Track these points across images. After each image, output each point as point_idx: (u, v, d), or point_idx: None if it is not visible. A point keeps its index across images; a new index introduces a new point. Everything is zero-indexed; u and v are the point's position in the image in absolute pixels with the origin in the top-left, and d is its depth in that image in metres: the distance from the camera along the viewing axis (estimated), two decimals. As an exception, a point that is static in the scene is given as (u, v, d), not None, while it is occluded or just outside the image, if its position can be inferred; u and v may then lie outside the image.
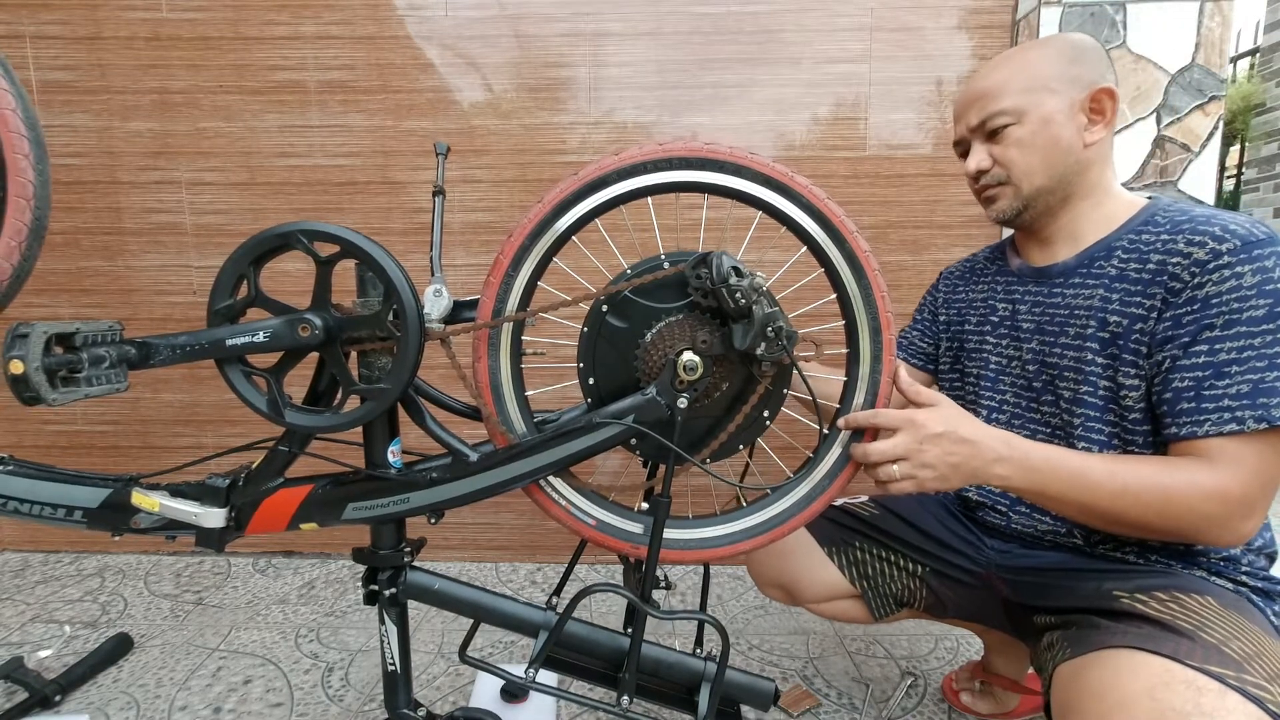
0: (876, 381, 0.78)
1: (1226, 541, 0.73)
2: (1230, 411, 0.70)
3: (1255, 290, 0.70)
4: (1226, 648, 0.65)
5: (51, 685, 1.19)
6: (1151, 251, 0.78)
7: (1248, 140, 3.75)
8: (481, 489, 0.78)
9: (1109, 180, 0.87)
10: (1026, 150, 0.83)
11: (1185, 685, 0.61)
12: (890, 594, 1.04)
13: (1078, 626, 0.76)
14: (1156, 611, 0.71)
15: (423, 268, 0.82)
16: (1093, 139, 0.82)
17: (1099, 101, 0.82)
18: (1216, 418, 0.71)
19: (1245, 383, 0.70)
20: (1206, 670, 0.61)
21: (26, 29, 1.71)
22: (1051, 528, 0.90)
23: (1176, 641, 0.66)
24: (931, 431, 0.73)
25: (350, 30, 1.71)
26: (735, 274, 0.70)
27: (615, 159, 0.75)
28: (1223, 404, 0.71)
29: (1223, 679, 0.61)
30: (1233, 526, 0.71)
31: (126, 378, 0.75)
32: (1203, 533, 0.73)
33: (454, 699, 1.23)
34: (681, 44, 1.71)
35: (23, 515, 0.79)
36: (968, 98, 0.88)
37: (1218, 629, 0.67)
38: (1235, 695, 0.59)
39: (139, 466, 1.10)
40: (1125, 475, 0.73)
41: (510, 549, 1.87)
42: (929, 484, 0.74)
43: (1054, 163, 0.83)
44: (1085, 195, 0.86)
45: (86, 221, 1.78)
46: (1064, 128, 0.82)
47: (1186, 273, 0.74)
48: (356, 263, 0.74)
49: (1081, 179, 0.84)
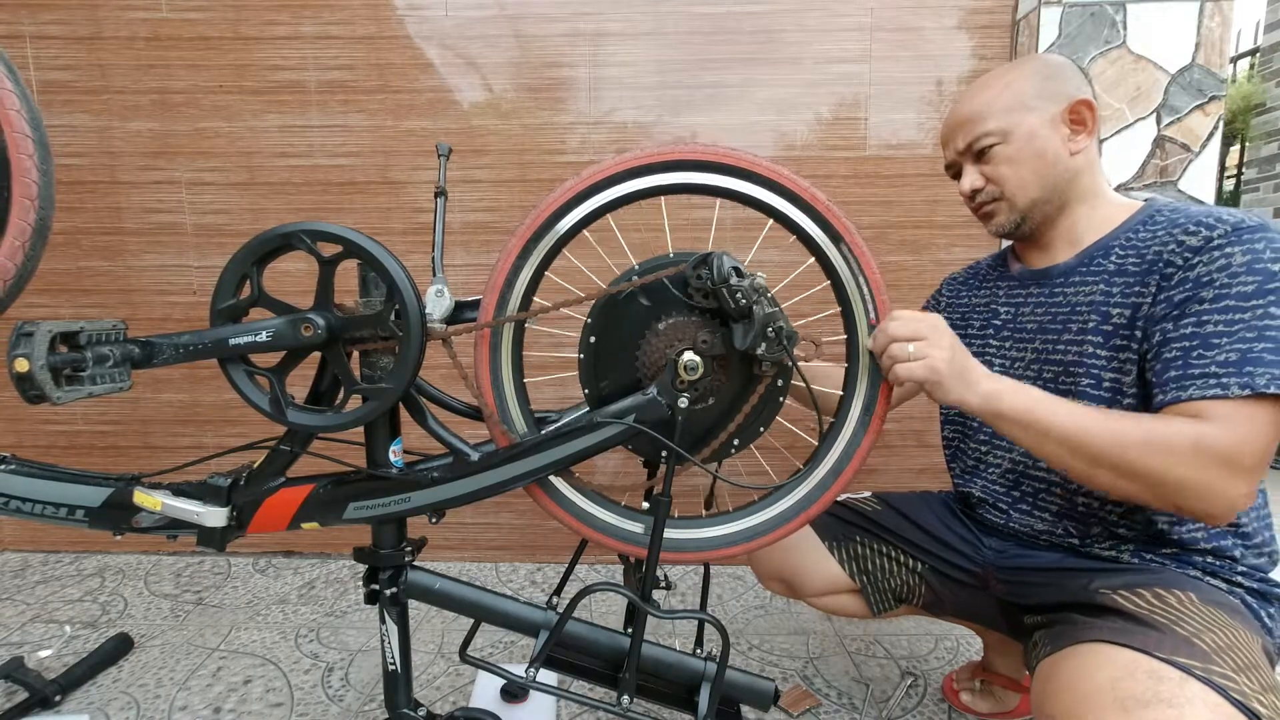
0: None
1: (1212, 504, 0.69)
2: (1216, 379, 0.69)
3: (1245, 268, 0.71)
4: (1198, 640, 0.65)
5: (51, 685, 1.19)
6: (1149, 246, 0.80)
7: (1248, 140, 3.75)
8: (482, 488, 0.79)
9: (1101, 184, 0.89)
10: (1016, 166, 0.86)
11: (1147, 675, 0.62)
12: (889, 590, 1.04)
13: (1060, 624, 0.77)
14: (1135, 607, 0.72)
15: (423, 267, 0.82)
16: (1078, 148, 0.85)
17: (1078, 112, 0.85)
18: (1202, 383, 0.70)
19: (1233, 352, 0.69)
20: (1173, 661, 0.62)
21: (26, 29, 1.71)
22: (1048, 527, 0.90)
23: (1146, 634, 0.66)
24: (949, 334, 0.75)
25: (350, 30, 1.71)
26: (736, 274, 0.71)
27: (617, 160, 0.75)
28: (1209, 371, 0.70)
29: (1188, 669, 0.61)
30: (1220, 485, 0.68)
31: (130, 376, 0.75)
32: (1186, 487, 0.68)
33: (454, 699, 1.23)
34: (681, 44, 1.71)
35: (24, 514, 0.79)
36: (952, 123, 0.91)
37: (1193, 622, 0.68)
38: (1197, 684, 0.60)
39: (140, 466, 1.11)
40: (1113, 415, 0.73)
41: (510, 549, 1.88)
42: (938, 366, 0.73)
43: (1044, 174, 0.86)
44: (1080, 201, 0.88)
45: (87, 221, 1.78)
46: (1048, 141, 0.85)
47: (1179, 257, 0.76)
48: (359, 263, 0.74)
49: (1073, 186, 0.87)
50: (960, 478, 1.04)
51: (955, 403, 0.75)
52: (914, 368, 0.73)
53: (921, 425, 1.81)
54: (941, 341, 0.74)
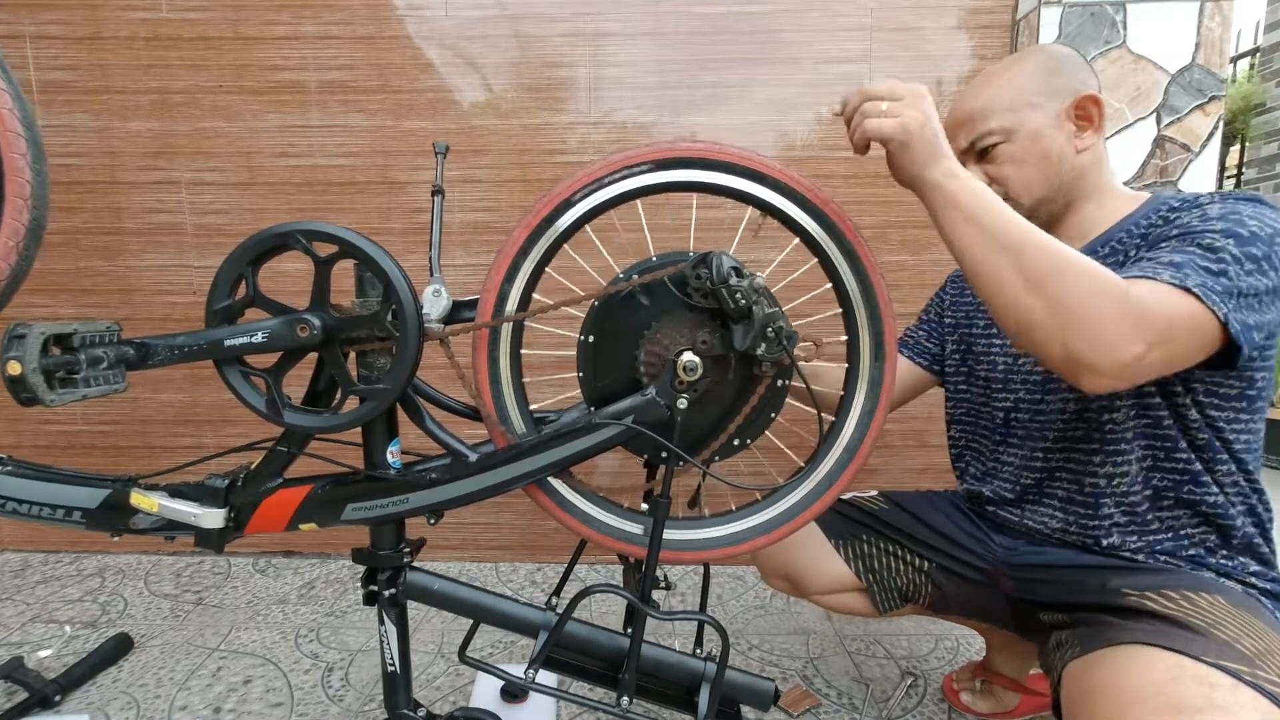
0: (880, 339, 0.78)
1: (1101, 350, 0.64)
2: (1152, 270, 0.68)
3: (1218, 218, 0.71)
4: (1239, 644, 0.64)
5: (51, 685, 1.19)
6: (1150, 229, 0.80)
7: (1248, 140, 3.75)
8: (481, 489, 0.78)
9: (1109, 180, 0.87)
10: (1021, 166, 0.84)
11: (1197, 680, 0.60)
12: (895, 588, 1.04)
13: (1086, 624, 0.76)
14: (1166, 609, 0.71)
15: (422, 267, 0.82)
16: (1084, 145, 0.83)
17: (1084, 108, 0.83)
18: (1139, 271, 0.68)
19: (1182, 255, 0.68)
20: (1220, 665, 0.61)
21: (26, 29, 1.71)
22: (1062, 524, 0.89)
23: (1188, 638, 0.65)
24: (928, 101, 0.72)
25: (350, 30, 1.71)
26: (735, 274, 0.70)
27: (616, 159, 0.75)
28: (1151, 265, 0.69)
29: (1236, 674, 0.60)
30: (1120, 334, 0.63)
31: (125, 378, 0.74)
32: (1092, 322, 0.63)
33: (454, 699, 1.23)
34: (681, 44, 1.70)
35: (22, 516, 0.79)
36: (954, 121, 0.89)
37: (1229, 627, 0.67)
38: (1249, 690, 0.59)
39: (139, 467, 1.10)
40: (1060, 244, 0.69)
41: (510, 549, 1.87)
42: (910, 126, 0.70)
43: (1049, 173, 0.84)
44: (1088, 198, 0.86)
45: (86, 221, 1.78)
46: (1053, 139, 0.83)
47: (1164, 220, 0.78)
48: (355, 263, 0.74)
49: (1080, 184, 0.85)
50: (973, 480, 1.03)
51: (914, 176, 0.71)
52: (884, 124, 0.70)
53: (922, 425, 1.81)
54: (919, 105, 0.71)
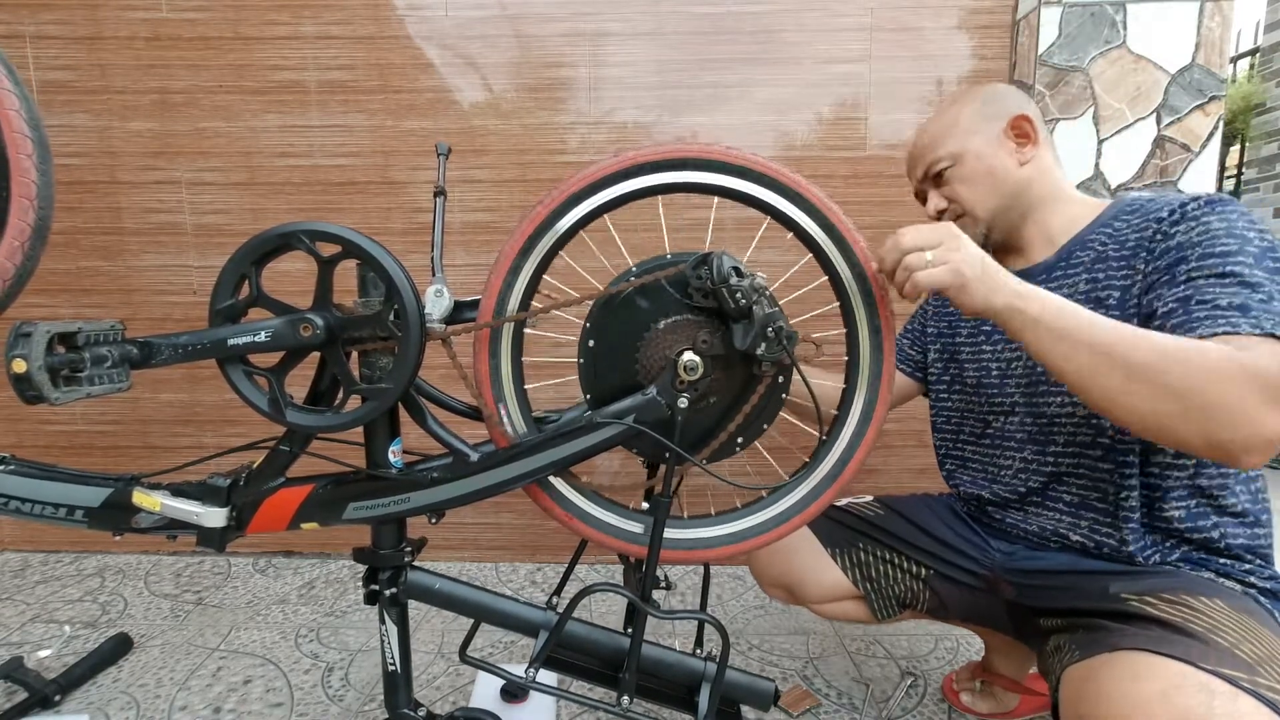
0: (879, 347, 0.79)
1: (1239, 431, 0.63)
2: (1224, 318, 0.68)
3: (1224, 231, 0.73)
4: (1239, 651, 0.65)
5: (51, 685, 1.19)
6: (1128, 234, 0.83)
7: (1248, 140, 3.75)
8: (482, 489, 0.79)
9: (1061, 186, 0.93)
10: (970, 184, 0.92)
11: (1198, 688, 0.61)
12: (893, 596, 1.04)
13: (1085, 629, 0.76)
14: (1166, 614, 0.71)
15: (423, 267, 0.82)
16: (1025, 159, 0.91)
17: (1019, 126, 0.91)
18: (1210, 322, 0.68)
19: (1230, 298, 0.69)
20: (1219, 673, 0.61)
21: (26, 29, 1.71)
22: (1070, 528, 0.89)
23: (1189, 644, 0.66)
24: (965, 237, 0.74)
25: (350, 30, 1.71)
26: (736, 274, 0.70)
27: (616, 160, 0.75)
28: (1214, 314, 0.69)
29: (1235, 681, 0.60)
30: (1256, 411, 0.62)
31: (129, 377, 0.75)
32: (1223, 407, 0.62)
33: (454, 699, 1.23)
34: (681, 44, 1.71)
35: (24, 515, 0.79)
36: (911, 157, 0.99)
37: (1229, 632, 0.67)
38: (1249, 698, 0.59)
39: (140, 466, 1.11)
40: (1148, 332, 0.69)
41: (510, 549, 1.88)
42: (962, 269, 0.70)
43: (997, 187, 0.91)
44: (1040, 205, 0.92)
45: (86, 221, 1.78)
46: (995, 157, 0.91)
47: (1159, 233, 0.79)
48: (358, 263, 0.74)
49: (1029, 193, 0.92)
50: (968, 484, 1.03)
51: (980, 308, 0.72)
52: (936, 273, 0.71)
53: (921, 425, 1.81)
54: (961, 244, 0.72)
